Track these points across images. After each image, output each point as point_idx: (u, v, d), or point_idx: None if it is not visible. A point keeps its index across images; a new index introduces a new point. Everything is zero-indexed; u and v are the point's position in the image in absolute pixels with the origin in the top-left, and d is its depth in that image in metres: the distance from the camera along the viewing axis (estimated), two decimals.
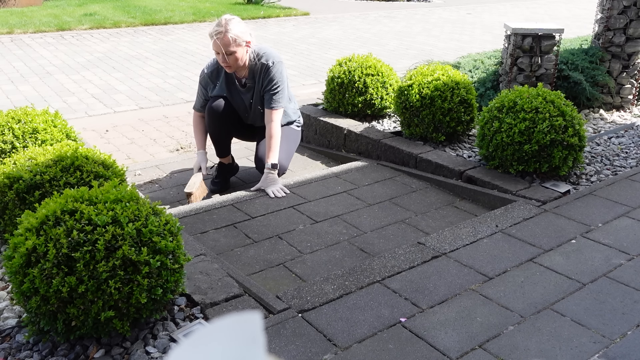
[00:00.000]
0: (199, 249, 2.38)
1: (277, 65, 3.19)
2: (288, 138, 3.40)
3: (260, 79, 3.20)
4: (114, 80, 6.32)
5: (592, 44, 4.49)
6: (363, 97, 3.97)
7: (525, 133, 3.03)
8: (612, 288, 2.16)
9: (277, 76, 3.19)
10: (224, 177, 3.49)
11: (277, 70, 3.19)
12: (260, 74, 3.19)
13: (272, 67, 3.17)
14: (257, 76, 3.20)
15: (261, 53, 3.18)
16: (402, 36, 9.50)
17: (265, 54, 3.19)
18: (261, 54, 3.18)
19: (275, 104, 3.20)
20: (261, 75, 3.19)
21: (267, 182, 3.18)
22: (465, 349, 1.83)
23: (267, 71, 3.17)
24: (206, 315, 1.96)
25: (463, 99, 3.58)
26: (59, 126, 2.83)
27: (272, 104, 3.20)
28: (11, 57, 7.35)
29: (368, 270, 2.26)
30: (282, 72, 3.23)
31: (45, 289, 1.64)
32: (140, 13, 10.90)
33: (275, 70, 3.18)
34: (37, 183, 2.24)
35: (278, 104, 3.21)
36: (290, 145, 3.43)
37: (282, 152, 3.28)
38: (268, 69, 3.17)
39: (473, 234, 2.56)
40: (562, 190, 2.98)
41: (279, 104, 3.22)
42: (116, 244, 1.69)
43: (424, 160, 3.44)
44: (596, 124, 4.15)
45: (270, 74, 3.17)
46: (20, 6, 11.48)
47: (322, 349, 1.82)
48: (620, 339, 1.88)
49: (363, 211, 3.01)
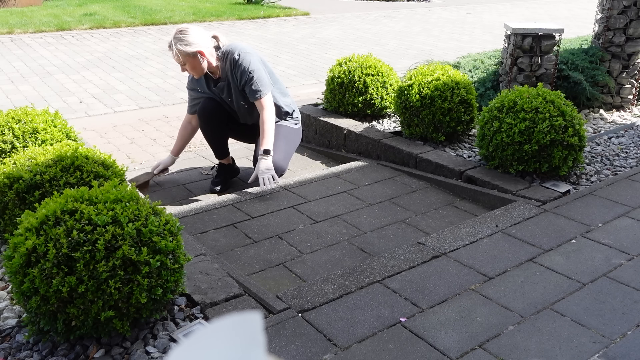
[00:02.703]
0: (199, 249, 2.38)
1: (243, 55, 3.17)
2: (287, 138, 3.38)
3: (232, 75, 3.20)
4: (114, 80, 6.32)
5: (592, 44, 4.49)
6: (363, 97, 3.97)
7: (525, 133, 3.03)
8: (612, 288, 2.16)
9: (246, 66, 3.16)
10: (224, 178, 3.48)
11: (245, 60, 3.17)
12: (231, 69, 3.19)
13: (238, 59, 3.16)
14: (228, 72, 3.21)
15: (227, 49, 3.19)
16: (402, 36, 9.50)
17: (231, 49, 3.18)
18: (227, 50, 3.19)
19: (257, 93, 3.19)
20: (232, 70, 3.19)
21: (260, 169, 3.15)
22: (465, 348, 1.83)
23: (235, 64, 3.17)
24: (206, 315, 1.96)
25: (463, 99, 3.58)
26: (59, 126, 2.83)
27: (255, 94, 3.19)
28: (11, 57, 7.35)
29: (368, 270, 2.26)
30: (252, 60, 3.19)
31: (45, 289, 1.64)
32: (140, 13, 10.90)
33: (242, 61, 3.16)
34: (37, 183, 2.24)
35: (260, 92, 3.19)
36: (289, 146, 3.41)
37: (279, 153, 3.26)
38: (235, 62, 3.16)
39: (473, 234, 2.56)
40: (562, 190, 2.98)
41: (261, 92, 3.19)
42: (116, 244, 1.69)
43: (424, 160, 3.44)
44: (596, 124, 4.15)
45: (240, 66, 3.16)
46: (20, 6, 11.48)
47: (322, 349, 1.82)
48: (620, 339, 1.88)
49: (363, 211, 3.01)
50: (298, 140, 3.53)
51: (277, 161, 3.23)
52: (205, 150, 4.07)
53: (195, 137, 4.22)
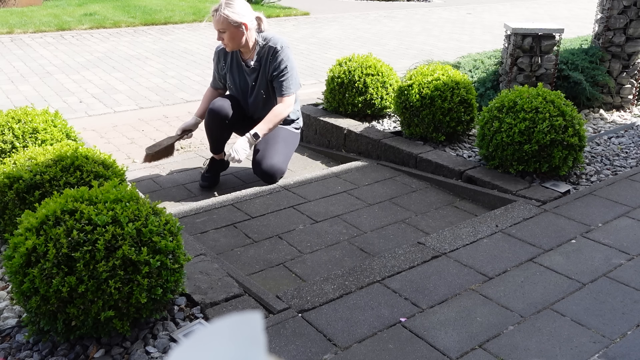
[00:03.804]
0: (199, 249, 2.38)
1: (285, 49, 3.19)
2: (286, 141, 3.39)
3: (267, 62, 3.20)
4: (114, 80, 6.32)
5: (592, 44, 4.49)
6: (363, 97, 3.97)
7: (525, 133, 3.03)
8: (612, 288, 2.16)
9: (285, 61, 3.18)
10: (215, 172, 3.49)
11: (285, 54, 3.19)
12: (268, 57, 3.19)
13: (280, 50, 3.17)
14: (263, 59, 3.21)
15: (269, 37, 3.21)
16: (402, 36, 9.49)
17: (273, 38, 3.21)
18: (269, 37, 3.21)
19: (285, 90, 3.20)
20: (268, 58, 3.19)
21: (236, 146, 3.10)
22: (465, 348, 1.83)
23: (274, 54, 3.17)
24: (206, 315, 1.96)
25: (463, 98, 3.58)
26: (59, 126, 2.83)
27: (283, 90, 3.20)
28: (11, 57, 7.35)
29: (368, 270, 2.26)
30: (290, 57, 3.22)
31: (45, 289, 1.64)
32: (140, 13, 10.90)
33: (283, 55, 3.18)
34: (37, 183, 2.24)
35: (289, 90, 3.21)
36: (289, 149, 3.42)
37: (279, 155, 3.27)
38: (276, 53, 3.17)
39: (473, 234, 2.56)
40: (562, 190, 2.98)
41: (289, 90, 3.21)
42: (116, 244, 1.69)
43: (424, 160, 3.44)
44: (596, 124, 4.14)
45: (278, 57, 3.17)
46: (20, 6, 11.48)
47: (322, 349, 1.82)
48: (620, 338, 1.88)
49: (363, 211, 3.01)
50: (297, 143, 3.55)
51: (276, 164, 3.24)
52: (205, 150, 4.07)
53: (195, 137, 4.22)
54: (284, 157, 3.33)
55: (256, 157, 3.31)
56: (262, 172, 3.26)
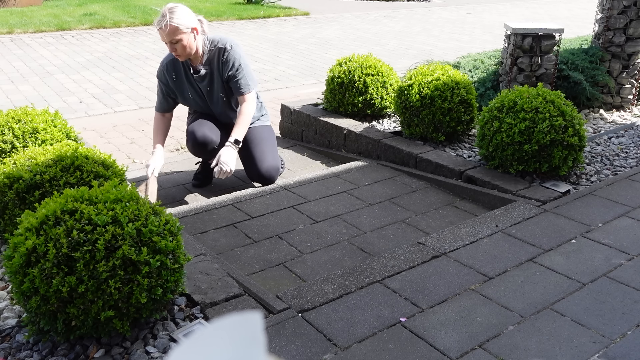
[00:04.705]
0: (199, 249, 2.38)
1: (235, 48, 3.12)
2: (267, 139, 3.36)
3: (219, 64, 3.12)
4: (114, 80, 6.32)
5: (592, 44, 4.49)
6: (363, 97, 3.97)
7: (525, 133, 3.03)
8: (612, 288, 2.16)
9: (237, 59, 3.11)
10: (207, 173, 3.48)
11: (236, 53, 3.12)
12: (219, 58, 3.11)
13: (230, 50, 3.10)
14: (214, 62, 3.13)
15: (216, 39, 3.14)
16: (402, 36, 9.49)
17: (220, 39, 3.14)
18: (216, 39, 3.13)
19: (244, 88, 3.14)
20: (220, 59, 3.11)
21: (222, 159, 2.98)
22: (465, 348, 1.83)
23: (225, 54, 3.10)
24: (206, 315, 1.96)
25: (463, 98, 3.58)
26: (59, 126, 2.83)
27: (242, 89, 3.14)
28: (11, 57, 7.35)
29: (368, 270, 2.26)
30: (242, 54, 3.15)
31: (45, 289, 1.64)
32: (140, 13, 10.90)
33: (234, 54, 3.11)
34: (37, 183, 2.24)
35: (248, 87, 3.14)
36: (272, 144, 3.38)
37: (269, 156, 3.27)
38: (226, 52, 3.10)
39: (473, 234, 2.56)
40: (562, 190, 2.98)
41: (249, 87, 3.15)
42: (116, 244, 1.69)
43: (424, 160, 3.44)
44: (596, 124, 4.14)
45: (230, 57, 3.10)
46: (20, 6, 11.48)
47: (322, 349, 1.82)
48: (620, 338, 1.88)
49: (363, 211, 3.01)
50: (274, 134, 3.50)
51: (269, 165, 3.24)
52: None
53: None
54: (272, 154, 3.32)
55: (248, 166, 3.30)
56: (260, 178, 3.26)
